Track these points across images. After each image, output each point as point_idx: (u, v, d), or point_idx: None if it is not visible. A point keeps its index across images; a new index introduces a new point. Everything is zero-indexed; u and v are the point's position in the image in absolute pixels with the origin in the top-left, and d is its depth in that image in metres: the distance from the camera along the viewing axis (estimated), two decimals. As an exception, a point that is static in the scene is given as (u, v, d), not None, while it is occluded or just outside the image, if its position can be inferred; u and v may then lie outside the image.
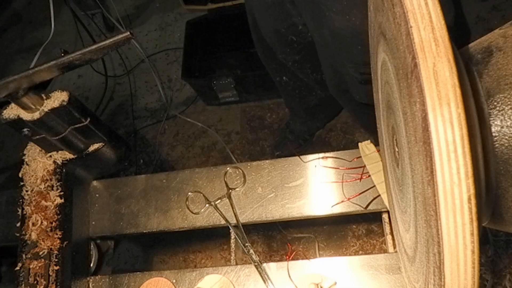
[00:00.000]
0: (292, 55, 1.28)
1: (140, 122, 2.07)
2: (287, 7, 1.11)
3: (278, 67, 1.37)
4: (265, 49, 1.31)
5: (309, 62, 1.32)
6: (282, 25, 1.17)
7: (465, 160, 0.33)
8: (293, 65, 1.32)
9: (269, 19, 1.17)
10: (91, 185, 0.97)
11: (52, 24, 1.29)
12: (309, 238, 1.61)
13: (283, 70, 1.38)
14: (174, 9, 2.36)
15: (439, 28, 0.35)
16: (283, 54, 1.28)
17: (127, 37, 0.61)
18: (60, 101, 0.76)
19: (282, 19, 1.15)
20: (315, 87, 1.46)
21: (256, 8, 1.18)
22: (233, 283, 0.81)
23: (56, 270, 0.78)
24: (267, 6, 1.12)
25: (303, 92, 1.48)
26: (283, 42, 1.23)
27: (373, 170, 0.83)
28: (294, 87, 1.45)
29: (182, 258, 1.71)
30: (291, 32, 1.19)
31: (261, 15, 1.18)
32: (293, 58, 1.29)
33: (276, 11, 1.13)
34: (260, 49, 1.34)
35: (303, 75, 1.37)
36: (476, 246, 0.33)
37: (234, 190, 0.89)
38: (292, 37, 1.21)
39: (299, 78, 1.40)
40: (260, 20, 1.21)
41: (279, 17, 1.15)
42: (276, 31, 1.19)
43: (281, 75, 1.42)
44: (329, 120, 1.80)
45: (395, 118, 0.51)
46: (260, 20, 1.20)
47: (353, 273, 0.78)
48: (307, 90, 1.47)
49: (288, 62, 1.31)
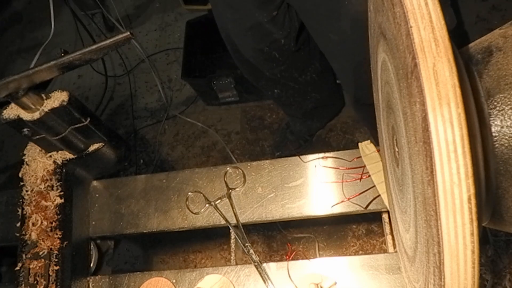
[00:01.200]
0: (278, 67, 1.30)
1: (140, 122, 2.07)
2: (266, 26, 1.13)
3: (267, 82, 1.39)
4: (250, 69, 1.33)
5: (294, 67, 1.34)
6: (265, 43, 1.18)
7: (465, 160, 0.33)
8: (281, 76, 1.34)
9: (250, 41, 1.19)
10: (91, 185, 0.97)
11: (52, 24, 1.29)
12: (309, 238, 1.61)
13: (272, 84, 1.39)
14: (174, 9, 2.36)
15: (439, 28, 0.35)
16: (270, 69, 1.30)
17: (127, 37, 0.61)
18: (60, 101, 0.76)
19: (263, 39, 1.17)
20: (307, 90, 1.47)
21: (234, 34, 1.19)
22: (233, 283, 0.81)
23: (56, 270, 0.78)
24: (245, 29, 1.14)
25: (297, 98, 1.49)
26: (268, 59, 1.25)
27: (373, 170, 0.83)
28: (288, 96, 1.46)
29: (182, 258, 1.71)
30: (274, 49, 1.21)
31: (241, 39, 1.20)
32: (279, 69, 1.31)
33: (256, 32, 1.14)
34: (246, 70, 1.36)
35: (293, 81, 1.39)
36: (476, 246, 0.33)
37: (234, 190, 0.89)
38: (275, 53, 1.23)
39: (290, 86, 1.41)
40: (240, 44, 1.22)
41: (260, 37, 1.16)
42: (259, 51, 1.21)
43: (272, 89, 1.43)
44: (329, 120, 1.81)
45: (395, 118, 0.51)
46: (241, 44, 1.22)
47: (353, 273, 0.78)
48: (300, 96, 1.48)
49: (276, 75, 1.33)
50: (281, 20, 1.14)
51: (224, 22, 1.18)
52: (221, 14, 1.16)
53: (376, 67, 0.63)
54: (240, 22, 1.13)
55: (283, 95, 1.46)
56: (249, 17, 1.10)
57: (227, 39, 1.23)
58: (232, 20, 1.14)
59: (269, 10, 1.09)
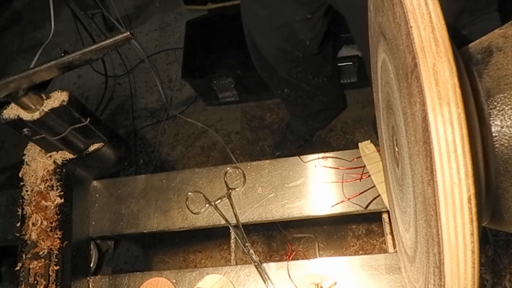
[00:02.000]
0: (296, 68, 1.30)
1: (140, 122, 2.07)
2: (295, 26, 1.12)
3: (279, 81, 1.39)
4: (265, 67, 1.33)
5: (310, 69, 1.34)
6: (289, 43, 1.18)
7: (465, 160, 0.33)
8: (296, 77, 1.34)
9: (274, 39, 1.18)
10: (91, 185, 0.97)
11: (52, 24, 1.29)
12: (309, 238, 1.61)
13: (284, 83, 1.40)
14: (174, 9, 2.36)
15: (439, 28, 0.35)
16: (288, 69, 1.30)
17: (127, 37, 0.61)
18: (60, 101, 0.76)
19: (289, 38, 1.16)
20: (317, 93, 1.48)
21: (258, 31, 1.19)
22: (233, 283, 0.81)
23: (56, 270, 0.78)
24: (272, 27, 1.13)
25: (306, 100, 1.50)
26: (289, 59, 1.25)
27: (373, 170, 0.83)
28: (296, 96, 1.47)
29: (182, 258, 1.71)
30: (298, 49, 1.21)
31: (264, 36, 1.19)
32: (297, 69, 1.31)
33: (283, 31, 1.14)
34: (261, 67, 1.36)
35: (306, 83, 1.39)
36: (476, 246, 0.33)
37: (234, 190, 0.89)
38: (298, 53, 1.22)
39: (301, 87, 1.41)
40: (262, 42, 1.21)
41: (286, 37, 1.16)
42: (283, 50, 1.21)
43: (282, 89, 1.44)
44: (330, 120, 1.81)
45: (395, 118, 0.51)
46: (263, 42, 1.21)
47: (353, 273, 0.78)
48: (309, 98, 1.49)
49: (292, 75, 1.33)
50: (313, 23, 1.13)
51: (249, 18, 1.18)
52: (248, 9, 1.15)
53: (376, 67, 0.63)
54: (268, 20, 1.12)
55: (292, 95, 1.46)
56: (279, 15, 1.10)
57: (249, 35, 1.23)
58: (260, 17, 1.13)
59: (305, 11, 1.09)
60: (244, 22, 1.20)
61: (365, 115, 1.81)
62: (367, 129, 1.79)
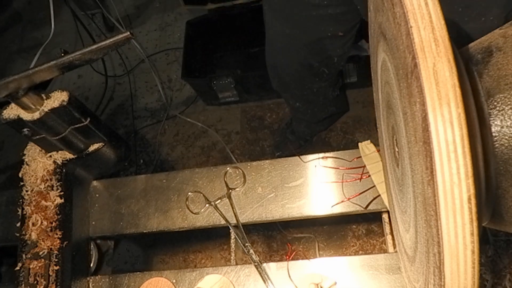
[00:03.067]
0: (319, 83, 1.28)
1: (140, 122, 2.07)
2: (325, 43, 1.09)
3: (293, 95, 1.39)
4: (283, 83, 1.32)
5: (333, 84, 1.34)
6: (316, 59, 1.16)
7: (465, 160, 0.33)
8: (316, 91, 1.33)
9: (301, 56, 1.15)
10: (91, 185, 0.97)
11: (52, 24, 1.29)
12: (309, 238, 1.61)
13: (297, 97, 1.40)
14: (174, 9, 2.36)
15: (439, 28, 0.35)
16: (310, 84, 1.28)
17: (127, 37, 0.61)
18: (60, 101, 0.76)
19: (317, 54, 1.14)
20: (330, 104, 1.48)
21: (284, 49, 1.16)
22: (233, 283, 0.81)
23: (56, 270, 0.78)
24: (301, 45, 1.10)
25: (316, 110, 1.51)
26: (314, 74, 1.23)
27: (373, 170, 0.83)
28: (307, 108, 1.48)
29: (182, 258, 1.71)
30: (325, 65, 1.18)
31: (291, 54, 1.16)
32: (319, 85, 1.29)
33: (312, 48, 1.11)
34: (278, 83, 1.35)
35: (323, 96, 1.38)
36: (476, 246, 0.33)
37: (234, 190, 0.89)
38: (324, 69, 1.20)
39: (316, 101, 1.41)
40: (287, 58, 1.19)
41: (315, 52, 1.13)
42: (308, 65, 1.18)
43: (294, 101, 1.44)
44: (332, 123, 1.81)
45: (395, 118, 0.51)
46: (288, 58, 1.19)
47: (353, 273, 0.78)
48: (319, 109, 1.50)
49: (312, 89, 1.31)
50: (344, 40, 1.09)
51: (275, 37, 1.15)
52: (274, 27, 1.12)
53: (376, 67, 0.63)
54: (298, 38, 1.09)
55: (303, 108, 1.47)
56: (310, 33, 1.06)
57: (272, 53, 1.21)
58: (288, 35, 1.10)
59: (337, 29, 1.04)
60: (269, 40, 1.17)
61: (365, 115, 1.81)
62: (367, 129, 1.79)
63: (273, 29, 1.14)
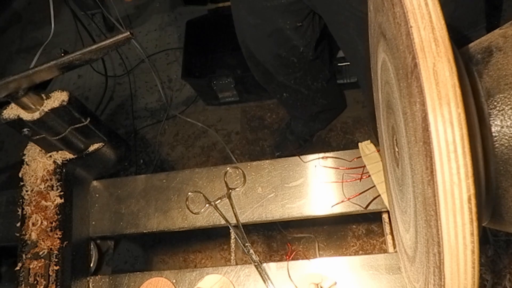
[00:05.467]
0: (293, 73, 1.31)
1: (140, 122, 2.07)
2: (287, 33, 1.14)
3: (278, 86, 1.40)
4: (263, 73, 1.34)
5: (309, 75, 1.35)
6: (284, 49, 1.20)
7: (465, 160, 0.33)
8: (295, 82, 1.35)
9: (269, 46, 1.20)
10: (91, 185, 0.97)
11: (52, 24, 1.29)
12: (309, 238, 1.61)
13: (283, 88, 1.41)
14: (174, 9, 2.36)
15: (439, 28, 0.35)
16: (286, 75, 1.31)
17: (127, 37, 0.61)
18: (60, 101, 0.76)
19: (283, 44, 1.18)
20: (316, 96, 1.48)
21: (252, 39, 1.21)
22: (233, 283, 0.81)
23: (56, 270, 0.78)
24: (265, 35, 1.15)
25: (305, 103, 1.51)
26: (285, 65, 1.26)
27: (373, 170, 0.83)
28: (295, 100, 1.48)
29: (182, 258, 1.71)
30: (292, 55, 1.22)
31: (259, 44, 1.21)
32: (295, 76, 1.32)
33: (276, 38, 1.16)
34: (258, 73, 1.37)
35: (304, 87, 1.40)
36: (476, 246, 0.33)
37: (234, 190, 0.89)
38: (293, 59, 1.24)
39: (300, 92, 1.42)
40: (258, 49, 1.23)
41: (280, 43, 1.18)
42: (278, 56, 1.22)
43: (281, 93, 1.45)
44: (330, 121, 1.81)
45: (395, 118, 0.51)
46: (258, 49, 1.23)
47: (353, 273, 0.78)
48: (308, 101, 1.50)
49: (290, 80, 1.34)
50: (303, 30, 1.15)
51: (242, 27, 1.19)
52: (241, 18, 1.17)
53: (376, 67, 0.63)
54: (261, 28, 1.14)
55: (291, 99, 1.47)
56: (271, 23, 1.11)
57: (243, 43, 1.24)
58: (253, 25, 1.15)
59: (294, 20, 1.10)
60: (238, 31, 1.21)
61: (365, 115, 1.81)
62: (367, 129, 1.79)
63: (239, 19, 1.18)
